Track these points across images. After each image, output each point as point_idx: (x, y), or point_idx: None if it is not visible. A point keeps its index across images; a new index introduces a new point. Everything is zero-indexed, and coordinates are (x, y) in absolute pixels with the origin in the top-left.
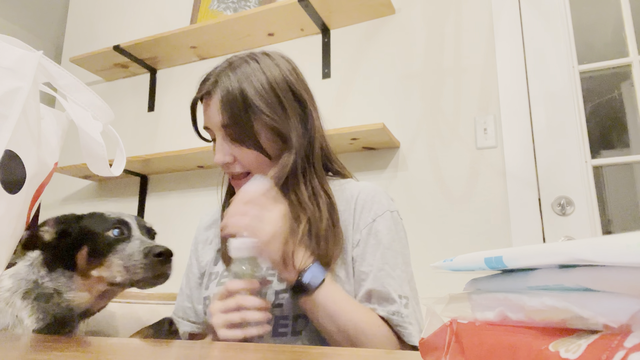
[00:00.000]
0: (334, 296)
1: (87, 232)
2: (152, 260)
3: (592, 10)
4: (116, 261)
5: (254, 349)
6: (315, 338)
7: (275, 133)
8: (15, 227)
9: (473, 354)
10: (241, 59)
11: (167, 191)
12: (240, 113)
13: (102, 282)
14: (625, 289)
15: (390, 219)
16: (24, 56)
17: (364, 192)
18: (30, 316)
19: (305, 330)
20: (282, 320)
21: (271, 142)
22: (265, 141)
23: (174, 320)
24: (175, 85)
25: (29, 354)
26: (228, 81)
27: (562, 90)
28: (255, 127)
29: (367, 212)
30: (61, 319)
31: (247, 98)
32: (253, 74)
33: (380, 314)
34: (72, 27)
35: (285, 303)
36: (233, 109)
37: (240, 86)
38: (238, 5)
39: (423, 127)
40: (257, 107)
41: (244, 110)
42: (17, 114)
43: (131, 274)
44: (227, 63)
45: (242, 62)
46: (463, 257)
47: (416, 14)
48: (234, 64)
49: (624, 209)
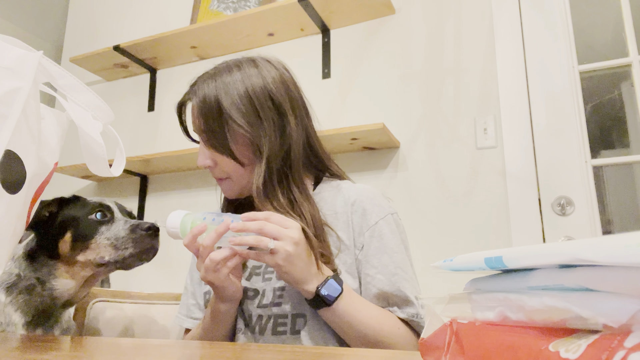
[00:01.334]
0: (354, 304)
1: (70, 218)
2: (140, 235)
3: (592, 10)
4: (103, 241)
5: (254, 349)
6: (316, 337)
7: (248, 142)
8: (15, 227)
9: (473, 354)
10: (227, 66)
11: (167, 191)
12: (214, 121)
13: (88, 266)
14: (625, 289)
15: (392, 222)
16: (24, 56)
17: (363, 195)
18: (17, 310)
19: (304, 329)
20: (280, 319)
21: (244, 150)
22: (238, 149)
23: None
24: (175, 85)
25: (27, 354)
26: (207, 89)
27: (562, 90)
28: (229, 136)
29: (368, 215)
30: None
31: (221, 107)
32: (232, 84)
33: (400, 316)
34: (72, 27)
35: (283, 302)
36: (207, 116)
37: (217, 94)
38: (238, 5)
39: (423, 127)
40: (230, 116)
41: (218, 118)
42: (17, 114)
43: (120, 250)
44: (213, 70)
45: (225, 71)
46: (463, 257)
47: (416, 14)
48: (218, 72)
49: (624, 209)
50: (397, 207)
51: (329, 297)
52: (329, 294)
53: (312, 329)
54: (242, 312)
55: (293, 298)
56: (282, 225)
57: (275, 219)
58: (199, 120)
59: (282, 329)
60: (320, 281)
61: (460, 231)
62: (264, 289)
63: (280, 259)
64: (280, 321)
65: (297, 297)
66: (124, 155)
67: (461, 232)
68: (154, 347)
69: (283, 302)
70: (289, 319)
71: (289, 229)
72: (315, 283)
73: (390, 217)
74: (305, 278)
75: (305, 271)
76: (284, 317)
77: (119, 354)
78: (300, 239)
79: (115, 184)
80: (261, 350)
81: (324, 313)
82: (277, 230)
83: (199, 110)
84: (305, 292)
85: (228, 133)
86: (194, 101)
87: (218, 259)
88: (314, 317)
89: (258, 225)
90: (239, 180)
